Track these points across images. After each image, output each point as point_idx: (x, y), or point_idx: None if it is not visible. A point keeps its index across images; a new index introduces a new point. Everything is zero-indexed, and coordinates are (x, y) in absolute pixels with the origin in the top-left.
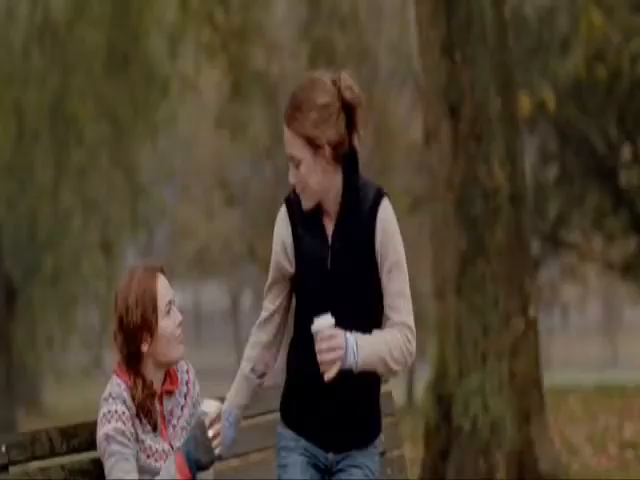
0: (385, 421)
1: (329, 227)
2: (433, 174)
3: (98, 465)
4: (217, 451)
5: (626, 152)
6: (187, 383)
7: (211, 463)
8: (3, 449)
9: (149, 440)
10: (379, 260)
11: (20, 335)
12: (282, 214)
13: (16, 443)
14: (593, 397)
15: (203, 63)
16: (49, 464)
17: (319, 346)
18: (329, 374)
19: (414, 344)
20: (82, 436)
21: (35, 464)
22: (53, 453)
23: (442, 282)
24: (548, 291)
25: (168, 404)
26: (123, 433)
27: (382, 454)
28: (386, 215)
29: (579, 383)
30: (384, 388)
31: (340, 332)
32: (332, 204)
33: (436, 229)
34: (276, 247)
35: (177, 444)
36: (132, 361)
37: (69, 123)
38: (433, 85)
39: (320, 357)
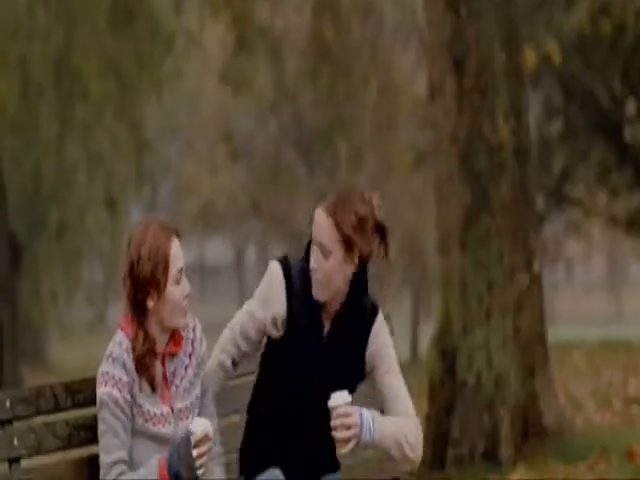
0: None
1: (326, 322)
2: (438, 129)
3: None
4: (200, 471)
5: (631, 107)
6: (193, 342)
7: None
8: (8, 404)
9: (148, 404)
10: (370, 365)
11: (25, 291)
12: (279, 279)
13: (21, 398)
14: (597, 352)
15: (207, 18)
16: (54, 419)
17: (334, 422)
18: (344, 452)
19: (422, 439)
20: (86, 391)
21: (40, 419)
22: (58, 408)
23: (446, 237)
24: (552, 246)
25: (170, 366)
26: (117, 402)
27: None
28: (379, 328)
29: (583, 338)
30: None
31: (355, 410)
32: (335, 303)
33: (440, 184)
34: (265, 311)
35: (178, 405)
36: (137, 311)
37: (74, 78)
38: (438, 39)
39: (335, 434)
